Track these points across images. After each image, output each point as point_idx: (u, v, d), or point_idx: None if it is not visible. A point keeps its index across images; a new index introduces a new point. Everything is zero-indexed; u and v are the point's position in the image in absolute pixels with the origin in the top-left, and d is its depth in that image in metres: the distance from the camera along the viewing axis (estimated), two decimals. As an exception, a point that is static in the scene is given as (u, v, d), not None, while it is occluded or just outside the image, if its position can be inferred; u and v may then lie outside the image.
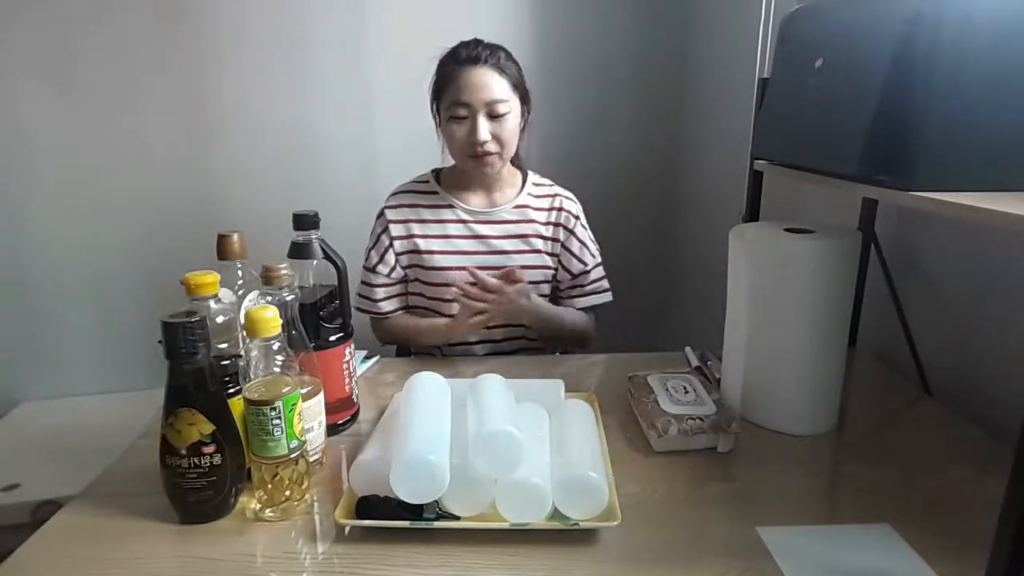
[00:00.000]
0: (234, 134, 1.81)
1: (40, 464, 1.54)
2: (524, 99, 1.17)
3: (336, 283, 0.87)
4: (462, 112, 1.11)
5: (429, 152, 1.26)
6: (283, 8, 1.76)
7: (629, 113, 1.99)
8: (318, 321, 0.83)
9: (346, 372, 0.87)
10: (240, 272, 0.82)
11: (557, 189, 1.29)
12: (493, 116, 1.11)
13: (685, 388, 0.89)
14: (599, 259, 1.28)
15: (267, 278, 0.75)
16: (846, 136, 0.68)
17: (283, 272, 0.75)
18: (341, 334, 0.86)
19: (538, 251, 1.23)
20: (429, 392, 0.77)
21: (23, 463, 1.56)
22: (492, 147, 1.13)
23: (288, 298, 0.75)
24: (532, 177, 1.28)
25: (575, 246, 1.25)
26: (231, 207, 1.83)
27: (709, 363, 1.04)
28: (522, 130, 1.19)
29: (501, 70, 1.12)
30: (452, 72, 1.12)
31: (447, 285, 1.16)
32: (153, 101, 1.75)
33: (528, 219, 1.24)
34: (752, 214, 1.11)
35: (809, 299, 0.82)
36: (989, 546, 0.47)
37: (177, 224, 1.81)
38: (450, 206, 1.23)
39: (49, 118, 1.72)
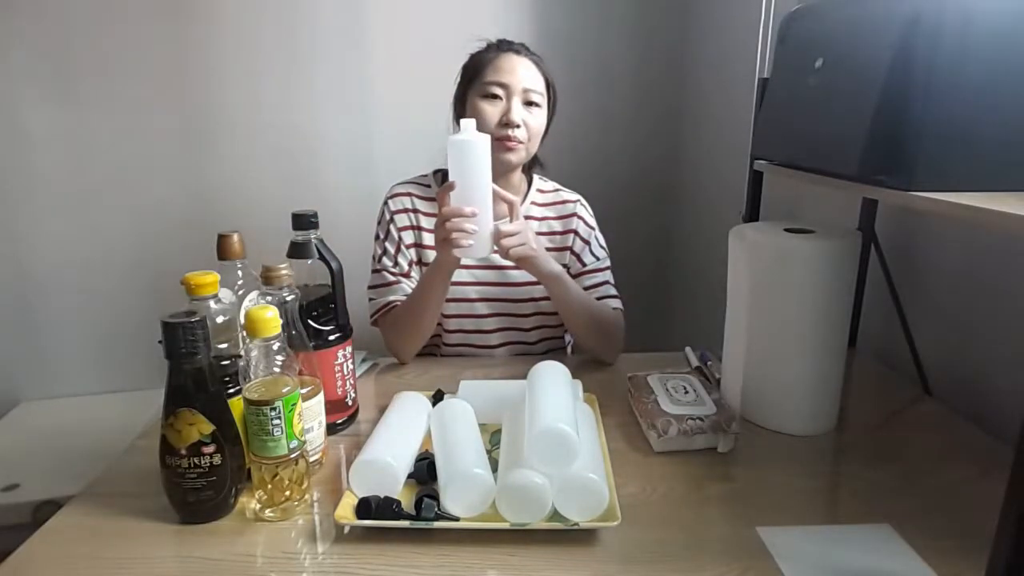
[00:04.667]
0: (234, 134, 1.81)
1: (40, 464, 1.54)
2: (552, 104, 1.16)
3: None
4: (498, 91, 1.09)
5: (428, 152, 1.25)
6: (282, 9, 1.76)
7: (629, 114, 1.99)
8: (307, 321, 0.82)
9: (338, 374, 0.86)
10: (240, 272, 0.81)
11: (561, 194, 1.23)
12: (527, 104, 1.10)
13: (685, 388, 0.89)
14: (604, 264, 1.20)
15: (267, 278, 0.75)
16: (846, 136, 0.68)
17: (283, 272, 0.75)
18: (332, 336, 0.85)
19: None
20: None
21: (23, 463, 1.55)
22: (521, 134, 1.09)
23: (288, 298, 0.75)
24: (536, 183, 1.23)
25: (577, 246, 1.19)
26: (231, 207, 1.83)
27: (709, 363, 1.04)
28: (543, 134, 1.16)
29: (538, 65, 1.13)
30: (491, 57, 1.11)
31: (447, 300, 1.11)
32: (153, 102, 1.75)
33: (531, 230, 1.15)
34: (752, 214, 1.11)
35: (809, 299, 0.82)
36: (989, 546, 0.47)
37: (177, 224, 1.80)
38: None
39: (49, 119, 1.71)
